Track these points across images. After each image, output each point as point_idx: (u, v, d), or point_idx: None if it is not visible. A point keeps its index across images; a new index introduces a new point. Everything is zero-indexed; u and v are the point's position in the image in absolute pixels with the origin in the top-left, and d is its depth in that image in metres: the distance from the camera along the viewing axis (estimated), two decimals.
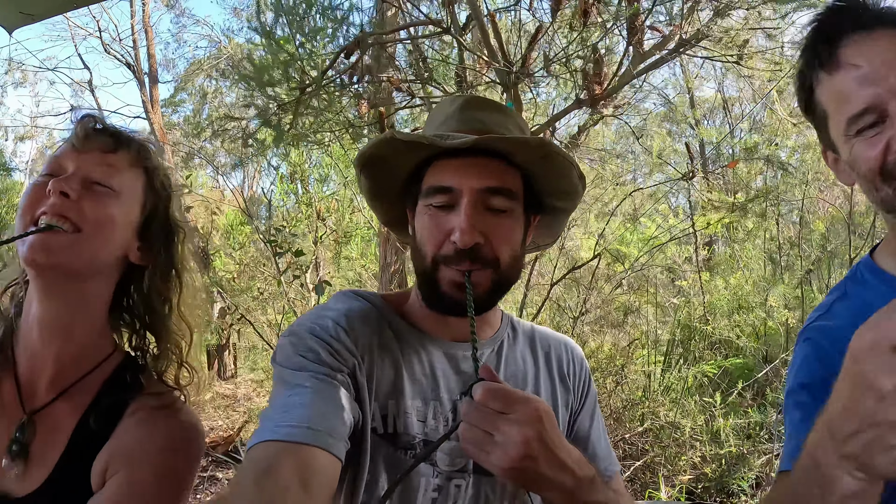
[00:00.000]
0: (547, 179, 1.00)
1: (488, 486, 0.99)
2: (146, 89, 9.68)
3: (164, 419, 0.94)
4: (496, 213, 0.95)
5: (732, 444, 4.00)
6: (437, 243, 0.95)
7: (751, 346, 5.09)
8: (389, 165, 1.01)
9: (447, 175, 0.95)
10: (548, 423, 0.75)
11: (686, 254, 6.38)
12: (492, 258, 0.95)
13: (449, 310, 0.98)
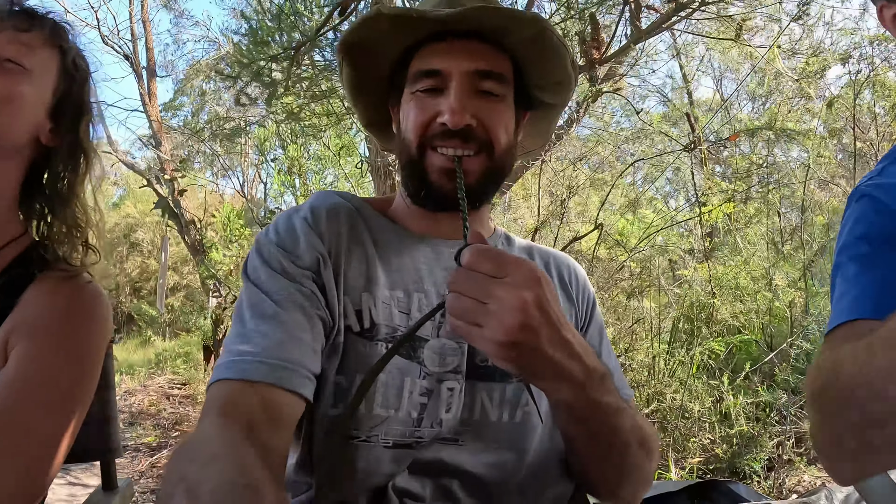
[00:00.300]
0: (539, 66, 0.92)
1: (484, 392, 0.86)
2: (143, 82, 9.70)
3: (68, 289, 0.92)
4: (488, 98, 0.88)
5: (743, 423, 3.90)
6: (423, 125, 0.88)
7: (759, 321, 5.01)
8: (374, 53, 0.93)
9: (435, 58, 0.88)
10: (548, 289, 0.64)
11: (688, 245, 6.32)
12: (485, 140, 0.87)
13: (438, 203, 0.90)
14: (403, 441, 0.82)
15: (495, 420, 0.86)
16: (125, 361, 8.88)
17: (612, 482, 0.86)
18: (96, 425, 1.09)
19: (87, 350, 0.90)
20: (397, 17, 0.86)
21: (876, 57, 5.25)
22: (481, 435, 0.85)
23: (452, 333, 0.83)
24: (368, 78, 0.98)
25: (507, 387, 0.87)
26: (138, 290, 15.88)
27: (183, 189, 5.53)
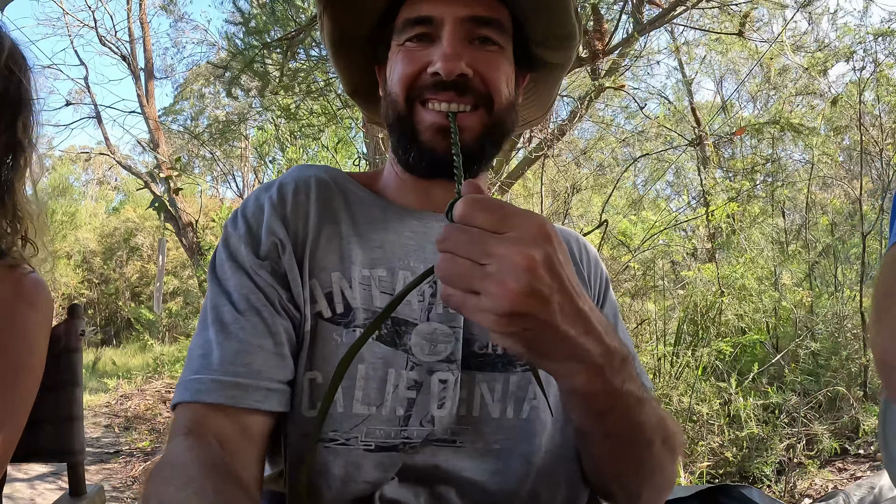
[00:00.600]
0: (541, 16, 0.82)
1: (484, 384, 0.74)
2: (141, 83, 9.70)
3: (7, 277, 0.94)
4: (485, 46, 0.78)
5: (753, 426, 3.82)
6: (412, 76, 0.77)
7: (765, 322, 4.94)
8: (358, 3, 0.82)
9: (426, 4, 0.78)
10: (560, 248, 0.51)
11: (690, 247, 6.26)
12: (484, 92, 0.77)
13: (430, 167, 0.79)
14: (388, 443, 0.70)
15: (498, 417, 0.74)
16: (123, 366, 8.82)
17: (633, 486, 0.75)
18: (59, 424, 1.02)
19: (26, 332, 0.91)
20: None
21: (880, 53, 5.19)
22: (482, 435, 0.73)
23: (445, 306, 0.73)
24: (351, 32, 0.87)
25: (512, 377, 0.75)
26: (137, 295, 15.86)
27: (179, 188, 5.46)
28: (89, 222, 16.83)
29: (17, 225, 1.02)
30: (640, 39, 3.58)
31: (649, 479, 0.73)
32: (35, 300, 0.94)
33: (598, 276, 0.92)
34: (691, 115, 3.76)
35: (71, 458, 1.03)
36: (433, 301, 0.76)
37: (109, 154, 10.11)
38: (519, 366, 0.76)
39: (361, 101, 0.98)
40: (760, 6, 3.88)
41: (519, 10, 0.82)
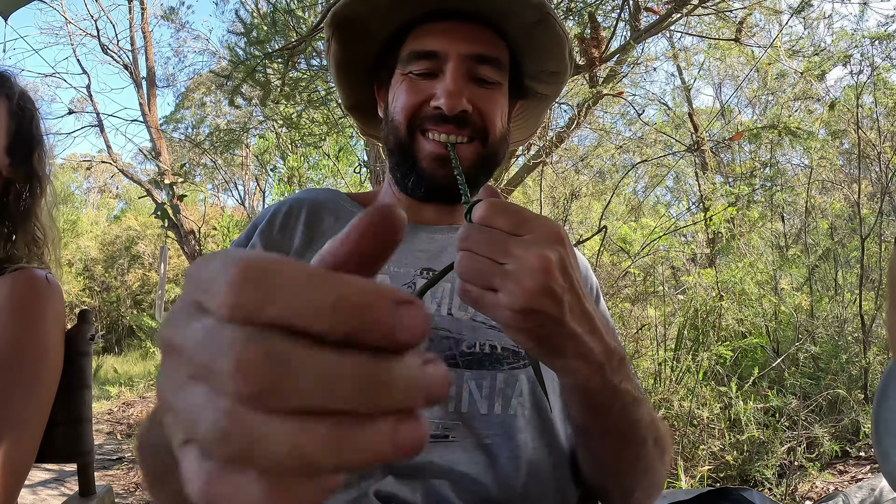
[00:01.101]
0: (537, 54, 0.89)
1: (473, 381, 0.77)
2: (143, 91, 9.74)
3: (18, 274, 1.03)
4: (483, 85, 0.84)
5: (754, 429, 3.82)
6: (415, 107, 0.83)
7: (765, 326, 4.94)
8: (364, 30, 0.88)
9: (431, 39, 0.84)
10: (571, 252, 0.54)
11: (690, 252, 6.28)
12: (481, 127, 0.83)
13: (428, 192, 0.85)
14: None
15: (486, 413, 0.76)
16: (125, 374, 8.83)
17: (626, 483, 0.77)
18: (69, 426, 1.05)
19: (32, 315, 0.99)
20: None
21: (877, 56, 5.22)
22: (472, 430, 0.75)
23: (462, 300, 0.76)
24: (356, 56, 0.93)
25: (499, 375, 0.78)
26: (139, 303, 15.86)
27: (182, 194, 5.50)
28: (91, 230, 16.86)
29: (36, 247, 1.14)
30: (638, 46, 3.61)
31: (642, 478, 0.75)
32: (49, 294, 1.02)
33: (589, 283, 0.96)
34: (689, 120, 3.79)
35: (81, 459, 1.06)
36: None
37: (111, 162, 10.15)
38: (506, 364, 0.78)
39: (359, 116, 1.03)
40: (756, 12, 3.91)
41: (517, 47, 0.89)
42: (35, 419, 0.93)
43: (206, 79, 10.49)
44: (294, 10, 2.55)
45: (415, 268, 0.83)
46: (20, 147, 1.13)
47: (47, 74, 11.39)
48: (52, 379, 0.99)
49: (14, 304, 0.98)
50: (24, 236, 1.13)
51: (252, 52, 2.68)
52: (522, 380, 0.78)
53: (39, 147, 1.17)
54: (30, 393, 0.94)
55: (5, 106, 1.12)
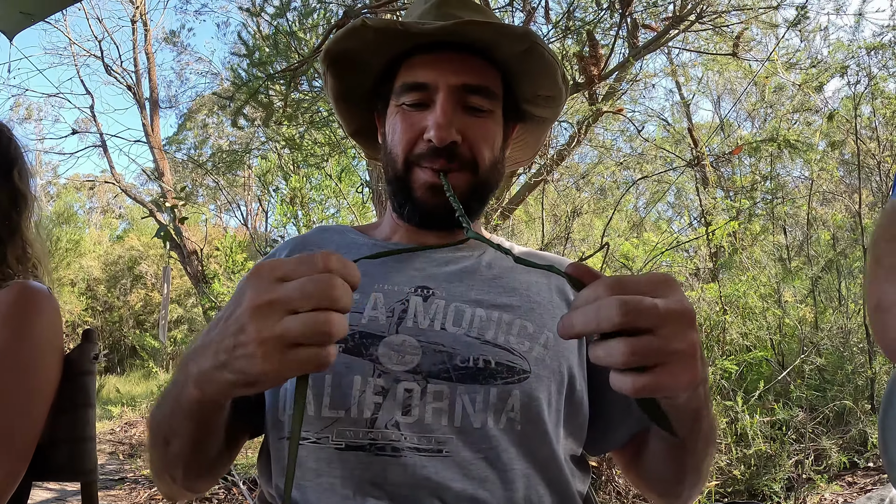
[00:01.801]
0: (528, 80, 0.90)
1: (466, 396, 0.76)
2: (146, 112, 9.83)
3: (12, 287, 1.03)
4: (474, 114, 0.86)
5: (761, 443, 3.79)
6: (410, 142, 0.86)
7: (769, 339, 4.92)
8: (358, 63, 0.91)
9: (421, 71, 0.86)
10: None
11: (692, 267, 6.27)
12: (469, 159, 0.86)
13: (423, 219, 0.88)
14: (357, 443, 0.75)
15: (480, 427, 0.76)
16: (127, 393, 8.81)
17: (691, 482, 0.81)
18: (73, 444, 1.05)
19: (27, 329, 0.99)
20: (383, 29, 0.84)
21: (873, 66, 5.26)
22: (467, 444, 0.75)
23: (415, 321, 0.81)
24: (352, 88, 0.96)
25: (492, 390, 0.78)
26: (142, 323, 15.85)
27: (184, 217, 5.53)
28: (93, 250, 16.87)
29: (26, 262, 1.17)
30: (636, 63, 3.64)
31: (705, 477, 0.81)
32: (41, 305, 1.04)
33: None
34: (689, 135, 3.82)
35: (84, 478, 1.06)
36: (403, 316, 0.82)
37: (114, 182, 10.23)
38: (500, 379, 0.78)
39: (362, 141, 1.06)
40: (753, 26, 3.95)
41: (509, 73, 0.90)
42: (24, 433, 0.93)
43: (208, 100, 10.59)
44: (296, 31, 2.59)
45: (409, 286, 0.85)
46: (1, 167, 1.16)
47: (51, 95, 11.56)
48: (45, 392, 0.99)
49: (4, 314, 0.98)
50: (13, 252, 1.15)
51: (254, 74, 2.71)
52: (516, 395, 0.77)
53: (18, 165, 1.19)
54: (18, 405, 0.93)
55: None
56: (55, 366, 1.02)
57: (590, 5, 3.08)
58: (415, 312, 0.82)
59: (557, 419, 0.81)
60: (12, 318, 0.99)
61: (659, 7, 3.44)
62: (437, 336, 0.80)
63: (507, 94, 0.91)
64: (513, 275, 0.90)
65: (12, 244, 1.15)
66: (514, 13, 3.14)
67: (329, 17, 2.86)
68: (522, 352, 0.81)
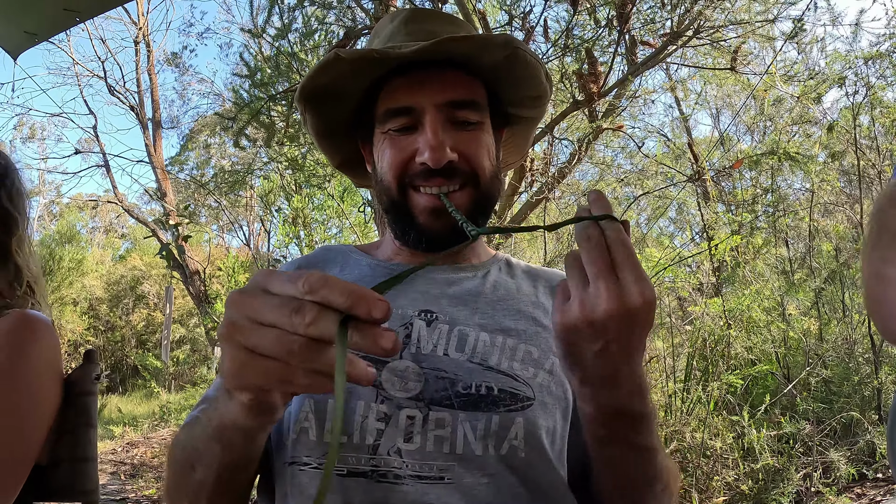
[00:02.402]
0: (512, 85, 0.89)
1: (468, 423, 0.75)
2: (149, 133, 9.90)
3: (9, 316, 1.02)
4: (465, 127, 0.83)
5: (768, 457, 3.76)
6: (401, 165, 0.83)
7: (774, 353, 4.89)
8: (336, 95, 0.88)
9: (403, 94, 0.83)
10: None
11: (696, 282, 6.26)
12: (470, 173, 0.83)
13: (428, 244, 0.85)
14: (359, 469, 0.74)
15: (481, 454, 0.75)
16: (129, 413, 8.76)
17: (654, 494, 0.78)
18: (75, 464, 1.04)
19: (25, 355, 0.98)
20: (358, 59, 0.81)
21: (871, 76, 5.28)
22: (468, 472, 0.74)
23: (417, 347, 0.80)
24: (332, 121, 0.93)
25: (494, 417, 0.76)
26: (144, 343, 15.82)
27: (187, 235, 5.54)
28: (96, 269, 16.89)
29: (19, 284, 1.14)
30: (635, 80, 3.67)
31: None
32: (38, 333, 1.02)
33: None
34: (689, 150, 3.84)
35: (85, 498, 1.05)
36: (407, 342, 0.81)
37: (117, 202, 10.27)
38: (503, 406, 0.77)
39: (349, 172, 1.05)
40: (750, 40, 3.99)
41: (492, 80, 0.89)
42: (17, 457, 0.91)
43: (210, 120, 10.67)
44: (297, 52, 2.62)
45: (413, 309, 0.84)
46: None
47: (55, 114, 11.64)
48: (42, 417, 0.97)
49: (1, 342, 0.97)
50: (5, 276, 1.12)
51: (256, 95, 2.74)
52: (519, 422, 0.76)
53: (7, 183, 1.16)
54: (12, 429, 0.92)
55: None
56: (53, 391, 1.01)
57: (588, 23, 3.11)
58: (418, 337, 0.81)
59: (562, 446, 0.80)
60: (9, 346, 0.97)
61: (657, 23, 3.46)
62: (439, 362, 0.79)
63: (492, 101, 0.89)
64: (518, 296, 0.89)
65: (3, 268, 1.13)
66: (512, 32, 3.16)
67: (330, 39, 2.89)
68: (526, 378, 0.79)
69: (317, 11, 2.87)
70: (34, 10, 1.87)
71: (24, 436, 0.94)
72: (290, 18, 2.60)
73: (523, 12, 3.05)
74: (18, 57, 2.06)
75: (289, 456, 0.76)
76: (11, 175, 1.17)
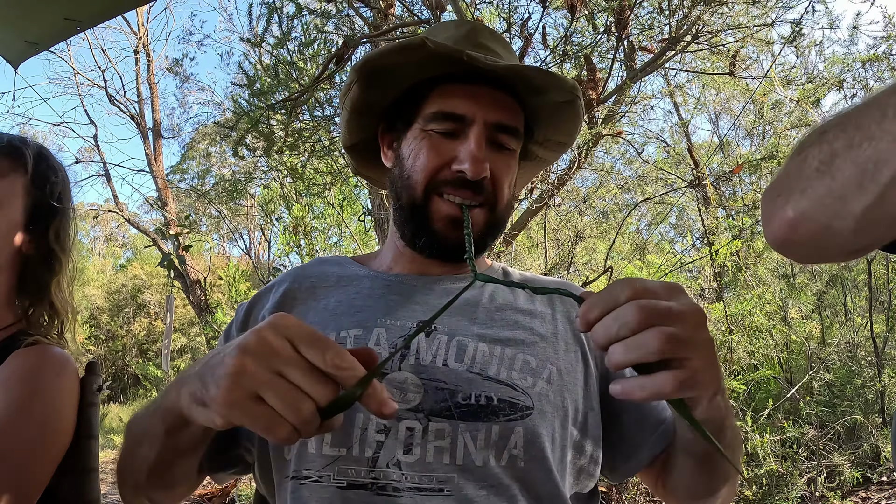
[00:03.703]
0: (550, 127, 0.92)
1: (468, 434, 0.75)
2: (149, 142, 9.93)
3: (34, 351, 1.02)
4: (500, 150, 0.86)
5: (772, 462, 3.75)
6: (435, 169, 0.84)
7: (776, 357, 4.88)
8: (389, 79, 0.89)
9: (459, 101, 0.85)
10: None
11: (697, 287, 6.25)
12: (493, 194, 0.85)
13: (439, 251, 0.87)
14: (359, 482, 0.74)
15: (481, 465, 0.75)
16: None
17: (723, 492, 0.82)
18: (77, 475, 1.04)
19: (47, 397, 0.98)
20: (442, 54, 0.82)
21: (869, 78, 5.29)
22: (469, 483, 0.74)
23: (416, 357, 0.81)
24: (373, 101, 0.93)
25: (494, 427, 0.77)
26: (145, 352, 15.80)
27: (188, 245, 5.56)
28: (97, 279, 16.90)
29: (54, 320, 1.15)
30: (634, 85, 3.68)
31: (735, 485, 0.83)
32: (61, 370, 1.02)
33: None
34: (689, 156, 3.85)
35: None
36: (405, 352, 0.81)
37: (118, 211, 10.27)
38: (502, 416, 0.77)
39: (356, 155, 1.03)
40: (748, 44, 3.99)
41: (534, 118, 0.91)
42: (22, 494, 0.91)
43: (210, 130, 10.69)
44: (296, 61, 2.63)
45: (412, 320, 0.84)
46: (39, 222, 1.11)
47: (55, 124, 11.65)
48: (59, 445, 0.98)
49: (21, 375, 0.97)
50: (40, 310, 1.13)
51: (255, 104, 2.75)
52: (518, 432, 0.76)
53: (58, 220, 1.14)
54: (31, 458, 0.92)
55: (21, 182, 1.08)
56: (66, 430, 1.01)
57: (586, 30, 3.13)
58: (417, 349, 0.81)
59: (562, 455, 0.80)
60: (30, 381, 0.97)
61: (655, 29, 3.48)
62: (438, 373, 0.79)
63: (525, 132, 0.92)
64: (516, 306, 0.89)
65: (40, 303, 1.13)
66: (511, 39, 3.17)
67: (329, 48, 2.91)
68: (525, 387, 0.79)
69: (316, 20, 2.90)
70: (35, 19, 1.88)
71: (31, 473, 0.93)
72: (290, 27, 2.62)
73: (521, 20, 3.07)
74: (19, 66, 2.07)
75: (291, 470, 0.76)
76: (64, 215, 1.16)
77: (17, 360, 1.00)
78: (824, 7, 6.48)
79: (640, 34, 3.42)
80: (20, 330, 1.10)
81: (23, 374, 0.97)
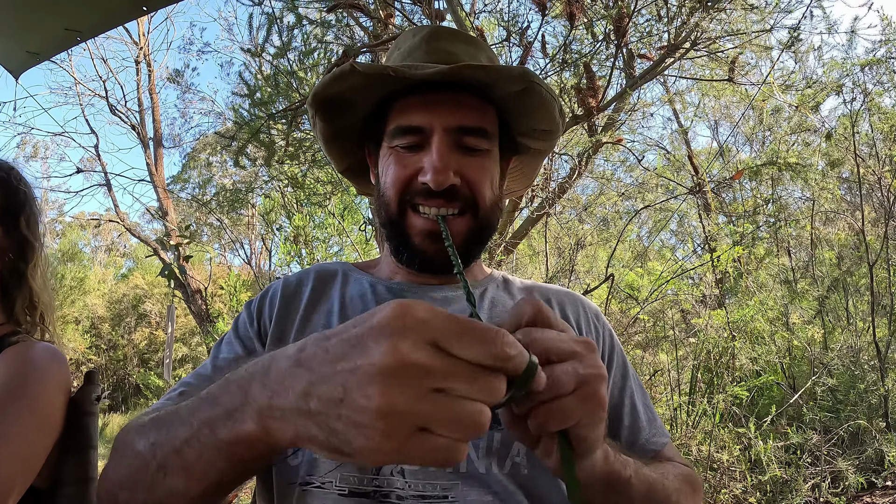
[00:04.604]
0: (524, 116, 0.89)
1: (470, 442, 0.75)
2: (150, 152, 9.96)
3: (20, 347, 1.05)
4: (471, 153, 0.84)
5: (776, 468, 3.73)
6: (404, 182, 0.83)
7: (779, 363, 4.87)
8: (347, 104, 0.88)
9: (415, 113, 0.84)
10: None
11: (698, 294, 6.25)
12: (471, 198, 0.83)
13: (422, 265, 0.86)
14: (361, 489, 0.73)
15: (484, 472, 0.75)
16: None
17: None
18: (75, 485, 1.04)
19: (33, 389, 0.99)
20: (374, 75, 0.82)
21: (868, 82, 5.30)
22: (472, 490, 0.74)
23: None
24: (342, 129, 0.94)
25: (496, 435, 0.76)
26: (146, 362, 15.79)
27: (188, 255, 5.57)
28: (98, 288, 16.91)
29: (34, 311, 1.19)
30: (634, 93, 3.68)
31: None
32: (47, 367, 1.04)
33: (601, 332, 0.95)
34: (689, 163, 3.86)
35: None
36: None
37: (119, 221, 10.30)
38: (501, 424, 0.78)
39: (353, 177, 1.05)
40: (747, 50, 4.01)
41: (505, 109, 0.89)
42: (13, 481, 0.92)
43: (211, 139, 10.73)
44: (296, 71, 2.64)
45: None
46: (8, 215, 1.16)
47: (56, 133, 11.67)
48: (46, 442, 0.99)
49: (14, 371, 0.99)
50: (21, 303, 1.16)
51: (256, 114, 2.75)
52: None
53: (25, 211, 1.19)
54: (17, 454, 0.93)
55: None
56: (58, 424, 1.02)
57: (586, 38, 3.14)
58: None
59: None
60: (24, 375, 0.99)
61: (654, 36, 3.49)
62: None
63: (502, 128, 0.90)
64: None
65: (21, 295, 1.17)
66: (511, 48, 3.18)
67: (329, 57, 2.92)
68: None
69: (316, 30, 2.91)
70: (36, 29, 1.89)
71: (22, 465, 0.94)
72: (290, 37, 2.63)
73: (521, 28, 3.08)
74: (20, 76, 2.08)
75: (298, 476, 0.76)
76: (31, 203, 1.21)
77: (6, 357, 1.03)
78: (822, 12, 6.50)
79: (639, 42, 3.43)
80: (9, 332, 1.13)
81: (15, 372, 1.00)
